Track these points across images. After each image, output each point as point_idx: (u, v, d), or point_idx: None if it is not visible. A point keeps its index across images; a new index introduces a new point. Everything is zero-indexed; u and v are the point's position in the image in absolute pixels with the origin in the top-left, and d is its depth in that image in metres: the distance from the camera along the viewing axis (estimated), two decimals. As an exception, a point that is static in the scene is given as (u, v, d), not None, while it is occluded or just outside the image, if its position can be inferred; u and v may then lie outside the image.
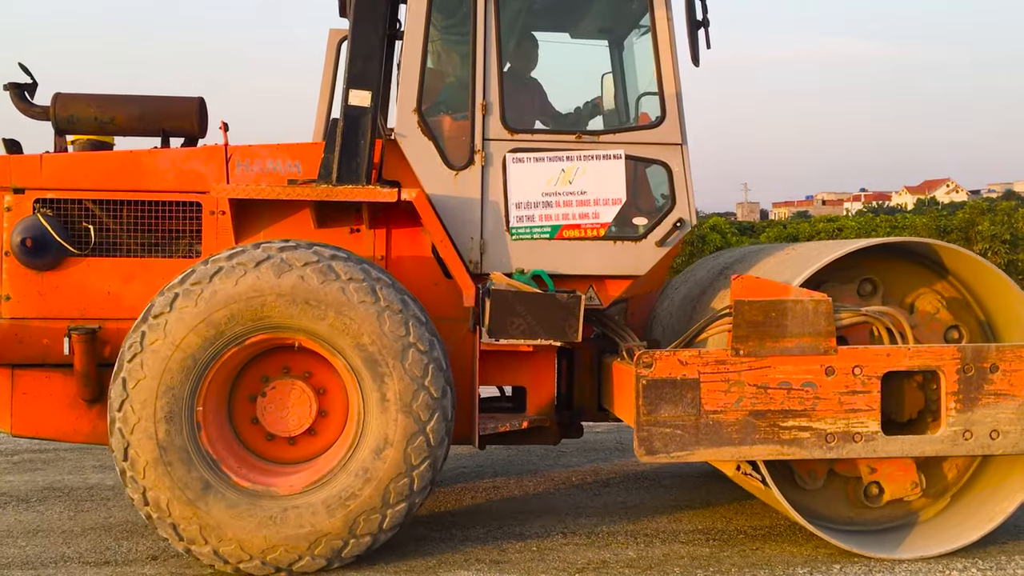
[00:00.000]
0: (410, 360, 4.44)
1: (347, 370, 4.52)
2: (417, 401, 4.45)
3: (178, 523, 4.38)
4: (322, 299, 4.40)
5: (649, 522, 5.51)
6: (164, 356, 4.36)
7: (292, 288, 4.39)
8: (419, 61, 5.02)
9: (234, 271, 4.38)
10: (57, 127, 5.17)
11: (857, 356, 4.65)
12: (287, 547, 4.40)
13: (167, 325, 4.36)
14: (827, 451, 4.64)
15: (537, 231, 5.07)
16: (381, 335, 4.42)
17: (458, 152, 5.05)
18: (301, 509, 4.44)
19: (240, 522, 4.39)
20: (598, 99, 5.73)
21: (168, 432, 4.37)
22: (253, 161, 5.17)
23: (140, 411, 4.35)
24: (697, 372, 4.58)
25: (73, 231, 5.06)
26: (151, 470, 4.36)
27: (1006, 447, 4.72)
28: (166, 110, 5.24)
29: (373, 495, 4.44)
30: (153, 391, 4.36)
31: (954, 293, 5.14)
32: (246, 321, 4.40)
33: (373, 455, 4.46)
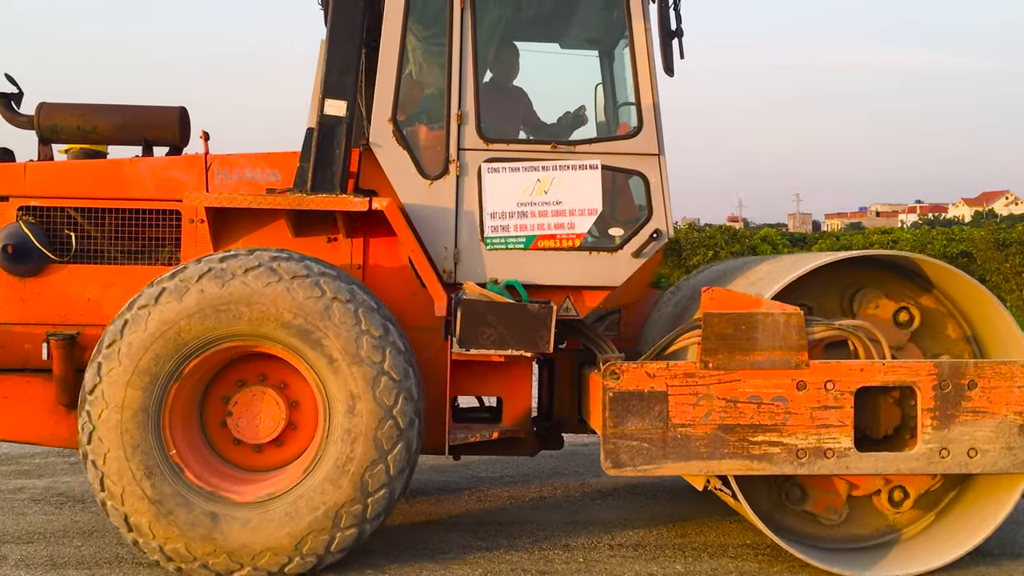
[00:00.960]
0: (365, 348, 4.45)
1: (308, 370, 4.54)
2: (378, 410, 4.46)
3: (129, 514, 4.42)
4: (266, 299, 4.44)
5: (696, 535, 5.45)
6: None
7: (237, 294, 4.43)
8: (395, 71, 5.03)
9: (178, 288, 4.45)
10: (41, 136, 5.26)
11: (829, 370, 4.57)
12: (229, 554, 4.42)
13: (121, 349, 4.43)
14: (798, 467, 4.57)
15: (512, 241, 5.05)
16: (330, 325, 4.44)
17: (433, 162, 5.05)
18: (251, 518, 4.45)
19: (189, 523, 4.42)
20: (581, 109, 5.69)
21: (134, 424, 4.42)
22: (232, 170, 5.21)
23: (110, 398, 4.41)
24: (665, 385, 4.54)
25: (55, 238, 5.13)
26: (111, 456, 4.41)
27: (984, 466, 4.62)
28: (147, 119, 5.30)
29: (322, 518, 4.44)
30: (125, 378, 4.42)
31: (937, 305, 5.05)
32: (197, 336, 4.45)
33: (333, 470, 4.47)
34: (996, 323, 4.83)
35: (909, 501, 4.96)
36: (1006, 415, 4.60)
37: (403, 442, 4.50)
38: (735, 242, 22.58)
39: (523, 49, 6.11)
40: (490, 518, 5.79)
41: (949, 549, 4.73)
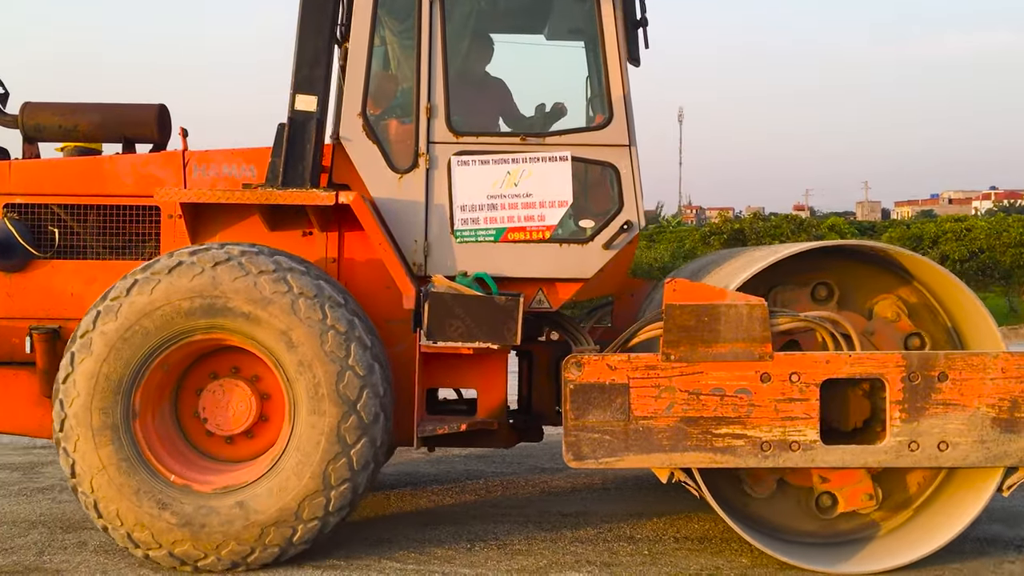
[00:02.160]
0: (330, 343, 4.50)
1: (272, 363, 4.61)
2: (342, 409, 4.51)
3: (98, 501, 4.52)
4: (233, 293, 4.51)
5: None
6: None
7: (206, 287, 4.50)
8: (364, 65, 5.06)
9: (148, 282, 4.54)
10: (25, 135, 5.38)
11: (794, 362, 4.52)
12: (194, 543, 4.50)
13: (93, 339, 4.55)
14: (762, 460, 4.53)
15: (482, 234, 5.06)
16: (299, 322, 4.49)
17: (403, 155, 5.08)
18: (217, 508, 4.53)
19: (155, 511, 4.51)
20: (559, 104, 5.66)
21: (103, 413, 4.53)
22: (209, 165, 5.29)
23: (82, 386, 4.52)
24: (626, 377, 4.52)
25: (40, 234, 5.26)
26: (81, 444, 4.52)
27: (956, 459, 4.53)
28: (126, 117, 5.40)
29: (285, 510, 4.51)
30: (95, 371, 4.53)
31: (920, 300, 4.95)
32: (166, 328, 4.54)
33: (297, 463, 4.53)
34: (973, 316, 4.73)
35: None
36: (978, 408, 4.50)
37: (367, 437, 4.55)
38: (801, 231, 21.99)
39: (509, 41, 6.12)
40: (553, 508, 5.84)
41: (921, 545, 4.65)
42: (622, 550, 4.99)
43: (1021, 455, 4.51)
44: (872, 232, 28.30)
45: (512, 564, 4.74)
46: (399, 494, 6.27)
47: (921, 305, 4.94)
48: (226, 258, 4.54)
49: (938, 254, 22.84)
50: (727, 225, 22.84)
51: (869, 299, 4.95)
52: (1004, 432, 4.50)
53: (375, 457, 4.62)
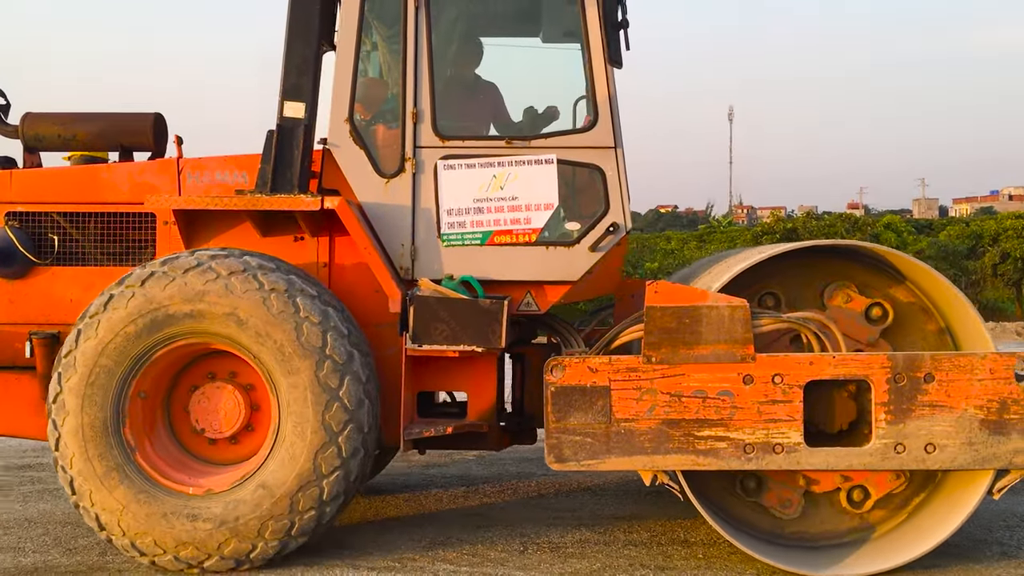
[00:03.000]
0: (305, 334, 4.56)
1: (256, 364, 4.68)
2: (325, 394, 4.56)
3: (99, 514, 4.61)
4: (205, 297, 4.59)
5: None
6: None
7: (178, 294, 4.60)
8: (350, 72, 5.11)
9: (124, 295, 4.64)
10: (26, 144, 5.51)
11: (777, 364, 4.48)
12: (196, 545, 4.56)
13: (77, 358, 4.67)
14: (745, 462, 4.50)
15: (468, 237, 5.08)
16: (269, 317, 4.56)
17: (389, 160, 5.12)
18: (215, 509, 4.59)
19: (154, 518, 4.58)
20: (551, 107, 5.67)
21: (93, 428, 4.61)
22: (203, 173, 5.37)
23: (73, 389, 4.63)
24: (608, 379, 4.52)
25: (40, 242, 5.38)
26: (76, 460, 4.60)
27: (943, 462, 4.46)
28: (122, 126, 5.50)
29: (280, 504, 4.56)
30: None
31: (913, 299, 4.89)
32: (146, 338, 4.63)
33: (286, 457, 4.58)
34: (962, 316, 4.66)
35: (870, 501, 4.82)
36: (966, 409, 4.43)
37: (353, 423, 4.59)
38: (856, 230, 21.54)
39: (506, 45, 6.15)
40: (606, 511, 5.86)
41: (911, 548, 4.59)
42: (676, 554, 4.97)
43: (1011, 457, 4.43)
44: (930, 230, 27.52)
45: (565, 567, 4.73)
46: (451, 496, 6.33)
47: (913, 305, 4.88)
48: (196, 264, 4.62)
49: (998, 252, 22.34)
50: (779, 225, 22.38)
51: (815, 295, 4.89)
52: (993, 434, 4.43)
53: (364, 443, 4.65)
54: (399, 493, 6.44)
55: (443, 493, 6.41)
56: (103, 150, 5.54)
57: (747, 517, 4.89)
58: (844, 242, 4.85)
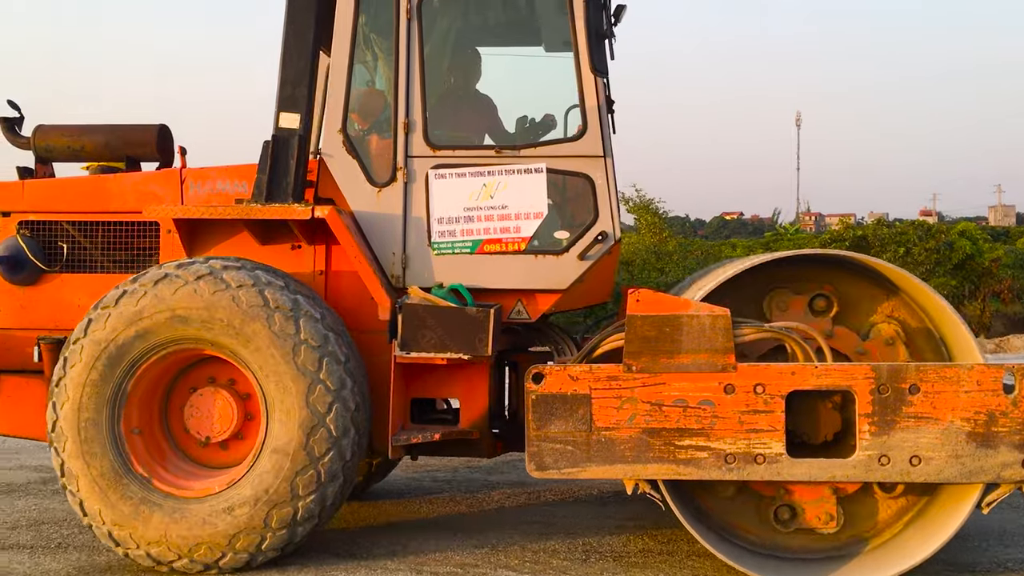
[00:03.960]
0: (302, 356, 4.66)
1: (251, 375, 4.77)
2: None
3: (84, 500, 4.75)
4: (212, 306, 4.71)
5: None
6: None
7: (187, 300, 4.71)
8: (344, 83, 5.20)
9: (136, 292, 4.76)
10: (37, 156, 5.70)
11: (759, 374, 4.45)
12: (169, 545, 4.67)
13: (84, 346, 4.80)
14: (726, 472, 4.47)
15: (458, 246, 5.13)
16: (268, 333, 4.67)
17: (382, 169, 5.19)
18: (193, 512, 4.70)
19: (134, 512, 4.70)
20: (549, 116, 5.70)
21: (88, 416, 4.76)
22: (205, 182, 5.50)
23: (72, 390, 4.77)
24: (588, 388, 4.53)
25: (50, 250, 5.55)
26: (69, 445, 4.75)
27: (929, 475, 4.39)
28: (128, 137, 5.66)
29: (255, 518, 4.64)
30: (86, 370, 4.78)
31: (920, 323, 4.81)
32: (150, 337, 4.76)
33: (268, 472, 4.67)
34: (953, 330, 4.59)
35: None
36: (952, 421, 4.36)
37: (335, 449, 4.67)
38: (929, 238, 20.85)
39: (508, 54, 6.20)
40: (669, 521, 5.50)
41: (899, 562, 4.51)
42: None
43: (999, 471, 4.34)
44: (1006, 238, 26.65)
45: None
46: (513, 502, 6.38)
47: (922, 330, 4.80)
48: (163, 275, 4.76)
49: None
50: (848, 232, 21.80)
51: (869, 317, 4.83)
52: (980, 447, 4.34)
53: (344, 469, 4.73)
54: (460, 499, 6.50)
55: (504, 499, 6.44)
56: (110, 160, 5.70)
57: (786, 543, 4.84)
58: (825, 252, 4.78)
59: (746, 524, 4.84)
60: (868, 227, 22.66)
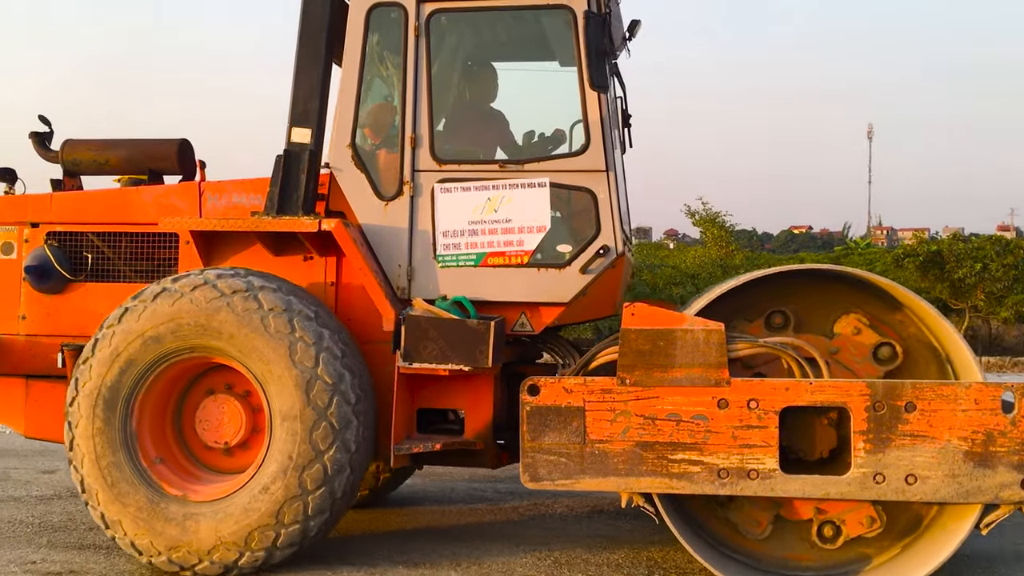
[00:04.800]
0: (299, 354, 4.76)
1: (253, 379, 4.89)
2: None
3: (105, 513, 4.89)
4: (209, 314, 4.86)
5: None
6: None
7: (185, 310, 4.87)
8: (354, 99, 5.32)
9: (137, 308, 4.94)
10: (65, 169, 5.92)
11: (753, 389, 4.45)
12: (189, 550, 4.80)
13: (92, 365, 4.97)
14: (720, 487, 4.47)
15: (463, 258, 5.21)
16: (265, 334, 4.79)
17: (389, 183, 5.30)
18: (208, 516, 4.82)
19: (153, 520, 4.83)
20: (559, 131, 5.75)
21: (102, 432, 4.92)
22: (222, 195, 5.66)
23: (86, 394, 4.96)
24: (582, 400, 4.57)
25: (76, 259, 5.77)
26: (87, 461, 4.90)
27: (925, 494, 4.34)
28: (150, 151, 5.85)
29: (267, 516, 4.75)
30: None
31: (914, 329, 4.77)
32: (154, 351, 4.92)
33: (276, 471, 4.78)
34: (951, 345, 4.53)
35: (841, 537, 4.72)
36: (949, 440, 4.31)
37: (339, 442, 4.76)
38: (1007, 253, 20.21)
39: (524, 69, 6.27)
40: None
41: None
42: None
43: (997, 491, 4.27)
44: None
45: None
46: (577, 516, 6.41)
47: (889, 312, 4.77)
48: (203, 282, 4.90)
49: None
50: (922, 247, 21.14)
51: (829, 319, 4.81)
52: (977, 466, 4.28)
53: (352, 462, 4.81)
54: (523, 509, 6.54)
55: (568, 512, 6.47)
56: (134, 173, 5.89)
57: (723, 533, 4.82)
58: (821, 266, 4.75)
59: (798, 554, 4.79)
60: (943, 242, 22.01)
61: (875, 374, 4.71)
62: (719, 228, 21.41)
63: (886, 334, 4.73)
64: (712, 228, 21.42)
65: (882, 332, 4.73)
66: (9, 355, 5.77)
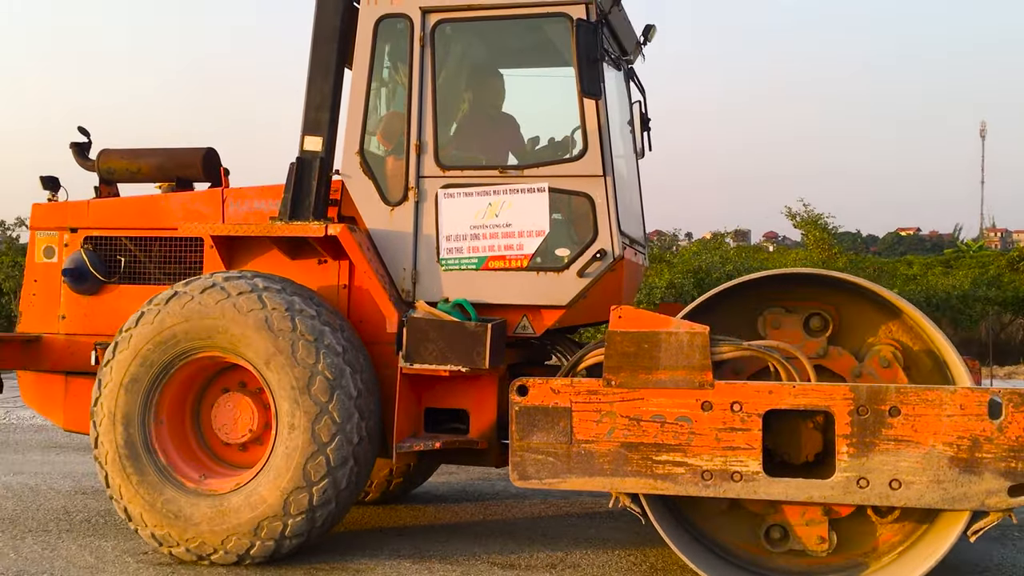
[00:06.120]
0: (300, 351, 4.97)
1: (260, 376, 5.10)
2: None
3: (127, 506, 5.17)
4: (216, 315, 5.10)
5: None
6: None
7: (195, 312, 5.14)
8: (362, 107, 5.50)
9: (152, 311, 5.22)
10: (100, 177, 6.27)
11: (736, 392, 4.47)
12: (204, 539, 5.03)
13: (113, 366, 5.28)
14: (703, 489, 4.50)
15: (465, 262, 5.34)
16: (268, 333, 5.01)
17: (395, 189, 5.46)
18: (222, 507, 5.06)
19: (171, 512, 5.09)
20: (569, 136, 5.84)
21: (122, 429, 5.21)
22: (243, 201, 5.92)
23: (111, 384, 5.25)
24: (569, 401, 4.65)
25: (110, 263, 6.10)
26: (109, 458, 5.20)
27: (909, 499, 4.30)
28: (178, 160, 6.15)
29: (274, 507, 4.97)
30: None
31: (921, 346, 4.73)
32: (167, 352, 5.20)
33: (281, 464, 4.99)
34: (941, 350, 4.49)
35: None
36: (934, 445, 4.26)
37: (341, 435, 4.95)
38: None
39: (541, 75, 6.38)
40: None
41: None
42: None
43: (983, 498, 4.21)
44: None
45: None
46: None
47: (926, 352, 4.72)
48: (173, 294, 5.23)
49: None
50: None
51: (867, 338, 4.80)
52: (963, 473, 4.23)
53: (355, 454, 5.00)
54: (617, 515, 6.55)
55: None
56: (163, 181, 6.20)
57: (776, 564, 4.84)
58: (821, 271, 4.75)
59: (738, 541, 4.85)
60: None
61: (818, 346, 4.74)
62: (821, 230, 20.56)
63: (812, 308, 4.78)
64: (814, 230, 20.60)
65: (911, 375, 4.73)
66: (50, 353, 6.13)
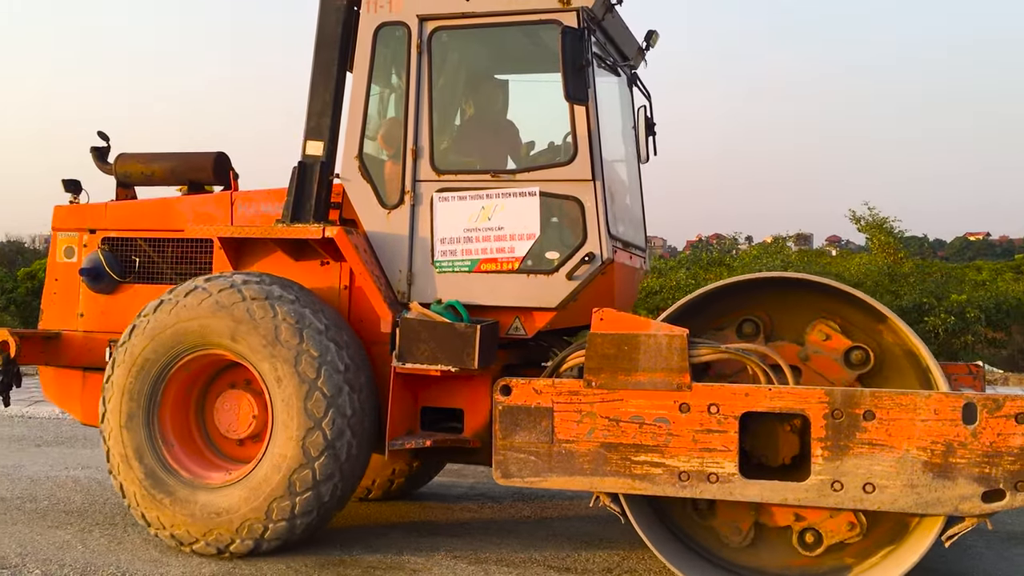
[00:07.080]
0: (283, 334, 5.15)
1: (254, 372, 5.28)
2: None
3: (126, 488, 5.40)
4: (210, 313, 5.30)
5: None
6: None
7: (205, 310, 5.34)
8: (361, 113, 5.65)
9: (171, 301, 5.43)
10: (118, 180, 6.51)
11: (713, 394, 4.53)
12: (189, 528, 5.23)
13: (127, 349, 5.49)
14: (680, 489, 4.57)
15: (458, 264, 5.46)
16: (251, 322, 5.22)
17: (392, 193, 5.60)
18: (210, 500, 5.24)
19: (160, 498, 5.30)
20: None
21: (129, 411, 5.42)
22: (251, 204, 6.11)
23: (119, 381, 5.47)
24: (551, 401, 4.75)
25: (125, 263, 6.33)
26: (113, 439, 5.43)
27: (883, 503, 4.32)
28: (190, 164, 6.36)
29: (259, 508, 5.14)
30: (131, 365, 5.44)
31: (894, 339, 4.75)
32: (177, 343, 5.39)
33: (271, 467, 5.16)
34: (919, 354, 4.49)
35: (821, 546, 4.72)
36: (908, 450, 4.28)
37: (333, 408, 5.10)
38: None
39: (540, 81, 6.48)
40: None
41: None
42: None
43: (956, 503, 4.22)
44: None
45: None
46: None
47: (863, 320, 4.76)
48: (193, 288, 5.42)
49: None
50: None
51: (801, 327, 4.85)
52: (936, 477, 4.24)
53: (349, 426, 5.15)
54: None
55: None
56: (175, 184, 6.42)
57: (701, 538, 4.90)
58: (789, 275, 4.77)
59: (781, 560, 4.85)
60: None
61: (846, 376, 4.72)
62: (886, 234, 19.99)
63: (858, 338, 4.72)
64: (879, 234, 20.05)
65: (856, 337, 4.72)
66: (69, 349, 6.38)
